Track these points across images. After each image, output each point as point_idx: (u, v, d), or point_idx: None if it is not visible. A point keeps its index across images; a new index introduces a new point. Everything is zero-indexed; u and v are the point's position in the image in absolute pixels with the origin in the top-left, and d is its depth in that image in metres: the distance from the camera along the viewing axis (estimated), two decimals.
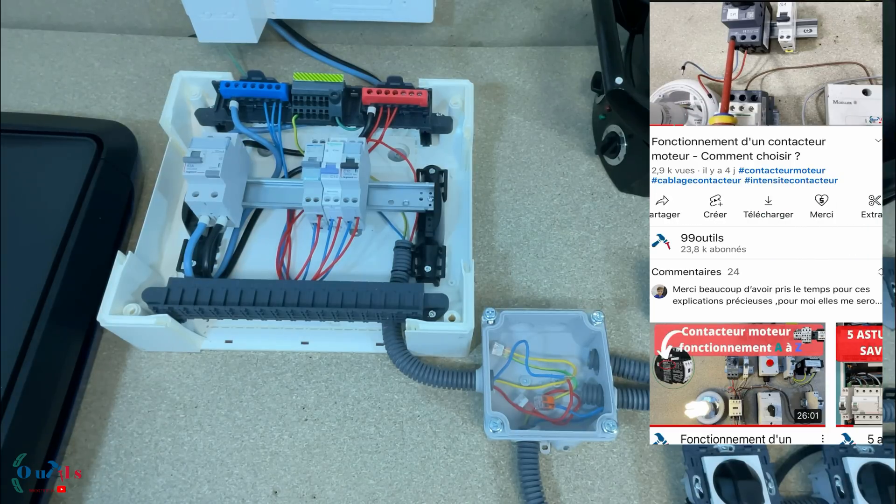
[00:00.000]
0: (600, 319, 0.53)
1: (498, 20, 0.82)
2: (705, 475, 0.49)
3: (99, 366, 0.57)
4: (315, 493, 0.52)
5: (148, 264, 0.57)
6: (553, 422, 0.52)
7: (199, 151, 0.54)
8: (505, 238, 0.65)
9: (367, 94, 0.62)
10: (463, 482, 0.53)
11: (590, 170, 0.70)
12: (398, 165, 0.66)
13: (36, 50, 0.77)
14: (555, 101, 0.75)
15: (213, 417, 0.55)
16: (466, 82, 0.65)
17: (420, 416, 0.55)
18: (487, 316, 0.54)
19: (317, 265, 0.57)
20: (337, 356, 0.58)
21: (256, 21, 0.71)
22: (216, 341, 0.58)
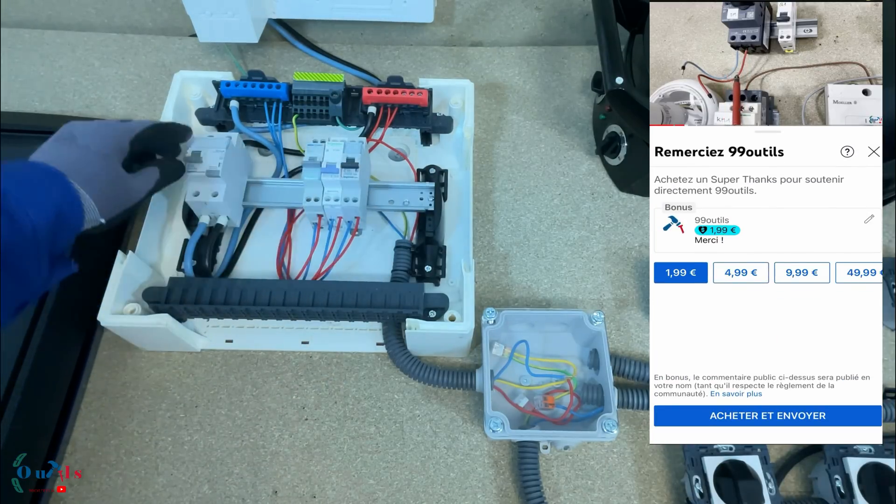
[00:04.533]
0: (600, 319, 0.53)
1: (498, 20, 0.82)
2: (705, 475, 0.49)
3: (99, 365, 0.57)
4: (315, 493, 0.52)
5: (148, 264, 0.57)
6: (553, 422, 0.52)
7: (199, 151, 0.54)
8: (505, 238, 0.65)
9: (367, 93, 0.62)
10: (463, 482, 0.53)
11: (590, 170, 0.70)
12: (398, 165, 0.66)
13: (36, 49, 0.77)
14: (555, 101, 0.75)
15: (214, 417, 0.55)
16: (467, 82, 0.65)
17: (420, 415, 0.55)
18: (487, 316, 0.54)
19: (317, 265, 0.57)
20: (337, 356, 0.58)
21: (257, 21, 0.71)
22: (216, 341, 0.58)
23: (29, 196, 0.36)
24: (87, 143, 0.43)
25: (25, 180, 0.37)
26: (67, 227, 0.39)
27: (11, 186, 0.36)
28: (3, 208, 0.34)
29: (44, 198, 0.37)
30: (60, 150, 0.42)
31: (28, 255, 0.36)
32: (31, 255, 0.36)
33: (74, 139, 0.43)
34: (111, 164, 0.43)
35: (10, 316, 0.38)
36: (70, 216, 0.39)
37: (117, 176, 0.43)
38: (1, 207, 0.34)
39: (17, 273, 0.36)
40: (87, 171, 0.41)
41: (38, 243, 0.36)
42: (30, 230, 0.36)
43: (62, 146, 0.42)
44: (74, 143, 0.42)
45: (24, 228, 0.35)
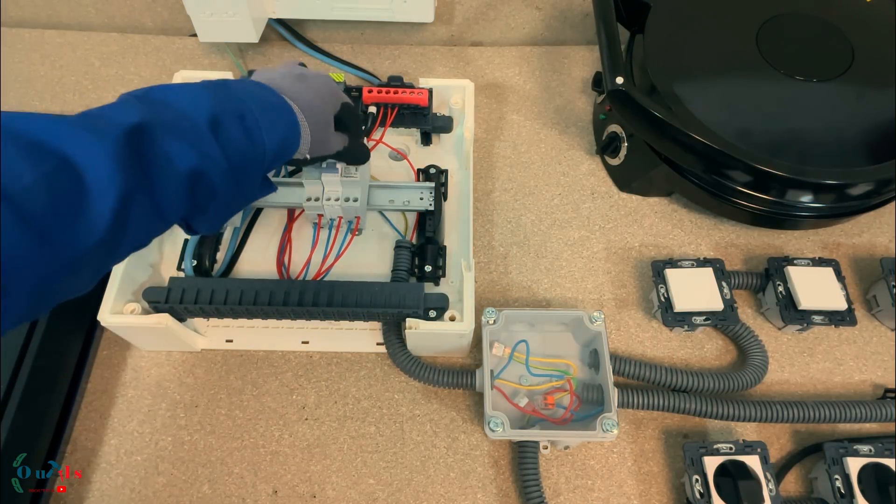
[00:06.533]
0: (600, 319, 0.53)
1: (498, 20, 0.82)
2: (705, 475, 0.49)
3: (99, 365, 0.57)
4: (315, 493, 0.52)
5: (148, 263, 0.57)
6: (553, 421, 0.52)
7: None
8: (505, 238, 0.65)
9: (367, 93, 0.62)
10: (463, 482, 0.53)
11: (590, 169, 0.70)
12: (398, 165, 0.66)
13: (37, 49, 0.77)
14: (555, 101, 0.75)
15: (214, 417, 0.55)
16: (467, 82, 0.65)
17: (420, 415, 0.55)
18: (488, 315, 0.53)
19: (317, 265, 0.57)
20: (337, 356, 0.58)
21: (257, 21, 0.71)
22: (216, 341, 0.58)
23: (267, 120, 0.40)
24: (318, 87, 0.46)
25: (267, 106, 0.41)
26: (284, 155, 0.43)
27: (254, 107, 0.39)
28: (247, 125, 0.39)
29: (276, 125, 0.41)
30: (294, 86, 0.45)
31: (255, 170, 0.40)
32: (257, 171, 0.41)
33: (306, 79, 0.46)
34: (328, 113, 0.47)
35: (220, 223, 0.44)
36: (289, 146, 0.43)
37: (328, 124, 0.47)
38: (247, 124, 0.39)
39: (246, 183, 0.41)
40: (311, 109, 0.44)
41: (264, 163, 0.40)
42: (262, 150, 0.40)
43: (296, 82, 0.45)
44: (306, 83, 0.46)
45: (258, 147, 0.39)
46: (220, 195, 0.39)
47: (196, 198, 0.37)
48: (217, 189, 0.38)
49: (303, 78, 0.46)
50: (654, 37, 0.64)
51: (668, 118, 0.56)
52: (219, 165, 0.37)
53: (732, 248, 0.65)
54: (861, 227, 0.66)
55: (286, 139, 0.42)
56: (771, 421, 0.53)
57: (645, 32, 0.64)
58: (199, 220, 0.40)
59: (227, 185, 0.38)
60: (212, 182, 0.37)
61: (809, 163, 0.56)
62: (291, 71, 0.47)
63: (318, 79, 0.48)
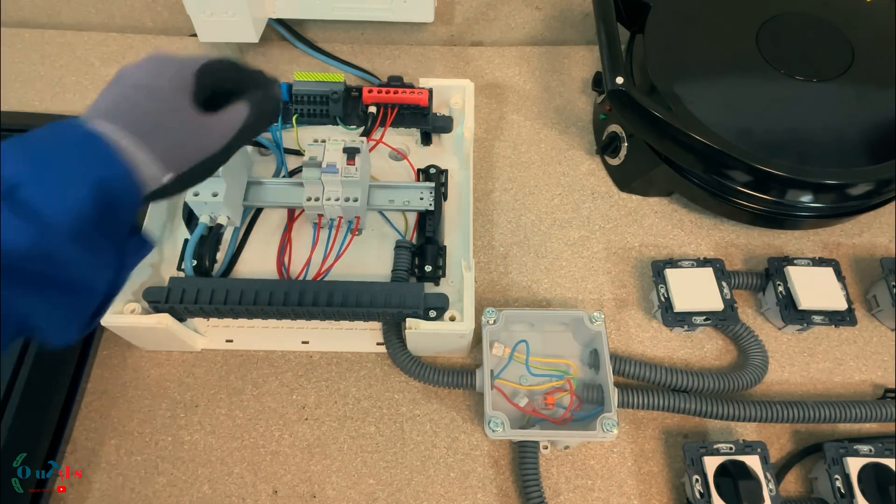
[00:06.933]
0: (600, 319, 0.53)
1: (498, 20, 0.82)
2: (706, 475, 0.49)
3: (99, 365, 0.57)
4: (315, 493, 0.52)
5: (148, 263, 0.57)
6: (553, 421, 0.52)
7: None
8: (505, 238, 0.65)
9: (367, 93, 0.62)
10: (463, 482, 0.53)
11: (590, 169, 0.70)
12: (399, 165, 0.66)
13: (36, 49, 0.77)
14: (555, 101, 0.75)
15: (214, 417, 0.55)
16: (467, 82, 0.65)
17: (420, 415, 0.55)
18: (488, 315, 0.53)
19: (317, 265, 0.57)
20: (337, 356, 0.58)
21: (257, 21, 0.71)
22: (216, 341, 0.58)
23: (53, 182, 0.28)
24: (137, 81, 0.35)
25: (44, 161, 0.29)
26: (119, 203, 0.31)
27: (25, 175, 0.27)
28: (22, 210, 0.27)
29: (74, 178, 0.29)
30: (105, 96, 0.33)
31: (67, 259, 0.29)
32: (73, 257, 0.29)
33: (121, 79, 0.35)
34: (171, 103, 0.34)
35: (80, 332, 0.33)
36: (119, 187, 0.31)
37: (181, 116, 0.34)
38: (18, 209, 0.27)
39: (63, 283, 0.30)
40: (135, 115, 0.32)
41: (77, 239, 0.29)
42: (61, 226, 0.28)
43: (108, 91, 0.34)
44: (121, 84, 0.34)
45: (54, 227, 0.28)
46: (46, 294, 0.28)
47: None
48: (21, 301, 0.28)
49: (119, 79, 0.35)
50: (654, 37, 0.64)
51: (668, 118, 0.56)
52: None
53: (732, 248, 0.65)
54: (861, 227, 0.66)
55: (104, 185, 0.30)
56: (771, 421, 0.53)
57: (645, 32, 0.64)
58: (49, 326, 0.31)
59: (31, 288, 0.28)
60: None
61: (809, 163, 0.56)
62: (111, 81, 0.36)
63: (140, 66, 0.36)
